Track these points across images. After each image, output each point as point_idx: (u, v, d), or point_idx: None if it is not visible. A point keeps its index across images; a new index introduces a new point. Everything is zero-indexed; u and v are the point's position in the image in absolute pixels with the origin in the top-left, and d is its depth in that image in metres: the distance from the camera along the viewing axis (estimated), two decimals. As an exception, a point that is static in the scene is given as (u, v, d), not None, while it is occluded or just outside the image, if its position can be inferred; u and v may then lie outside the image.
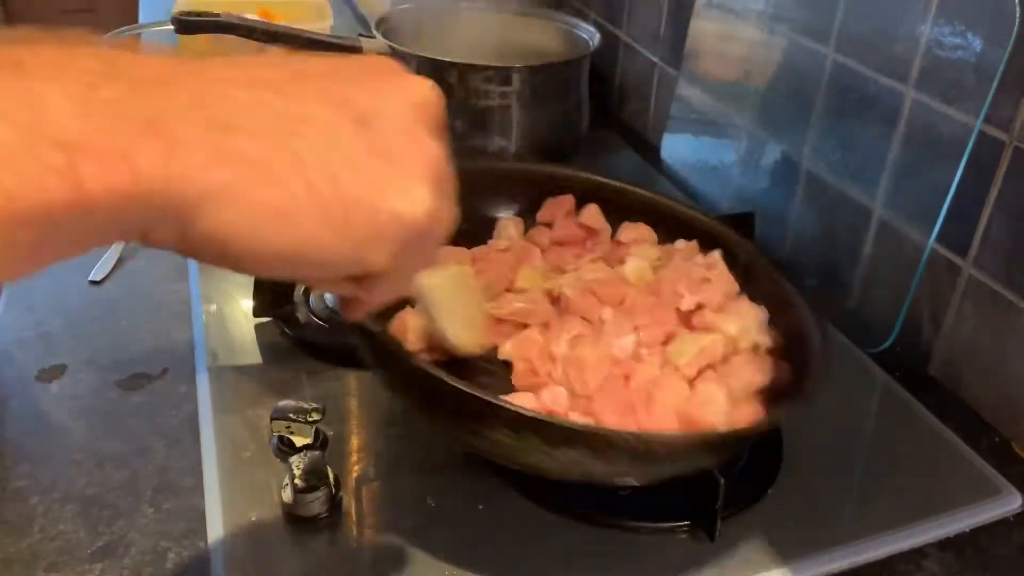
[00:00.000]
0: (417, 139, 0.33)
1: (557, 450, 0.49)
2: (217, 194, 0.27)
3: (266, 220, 0.28)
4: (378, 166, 0.31)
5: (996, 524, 0.60)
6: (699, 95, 1.03)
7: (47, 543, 0.54)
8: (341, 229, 0.30)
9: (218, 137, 0.27)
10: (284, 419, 0.56)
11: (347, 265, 0.32)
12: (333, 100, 0.31)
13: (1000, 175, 0.66)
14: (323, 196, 0.29)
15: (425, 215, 0.32)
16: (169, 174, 0.26)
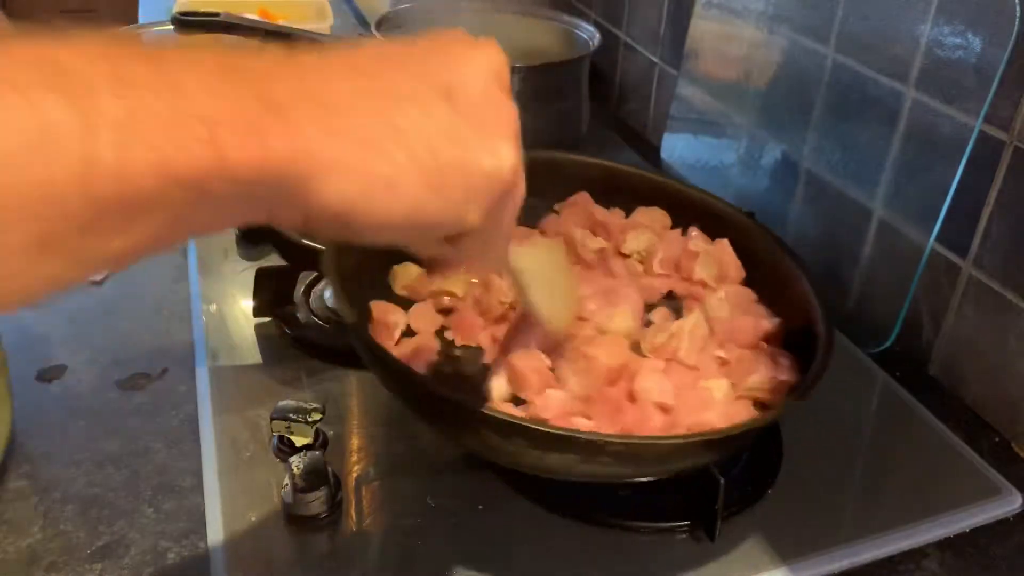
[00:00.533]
0: (496, 101, 0.36)
1: (548, 454, 0.49)
2: (333, 167, 0.30)
3: (377, 189, 0.32)
4: (467, 131, 0.34)
5: (996, 524, 0.60)
6: (699, 95, 1.03)
7: (47, 543, 0.54)
8: (441, 192, 0.33)
9: (327, 117, 0.30)
10: (284, 419, 0.56)
11: (447, 225, 0.35)
12: (419, 76, 0.34)
13: (1000, 175, 0.66)
14: (423, 163, 0.32)
15: (511, 170, 0.35)
16: (294, 147, 0.29)
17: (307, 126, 0.30)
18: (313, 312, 0.74)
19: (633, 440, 0.52)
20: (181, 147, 0.26)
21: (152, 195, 0.26)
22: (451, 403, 0.50)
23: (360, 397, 0.68)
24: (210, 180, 0.27)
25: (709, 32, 1.01)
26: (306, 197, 0.30)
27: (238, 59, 0.30)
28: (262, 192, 0.29)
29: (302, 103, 0.30)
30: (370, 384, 0.69)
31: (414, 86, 0.34)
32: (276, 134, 0.29)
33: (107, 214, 0.26)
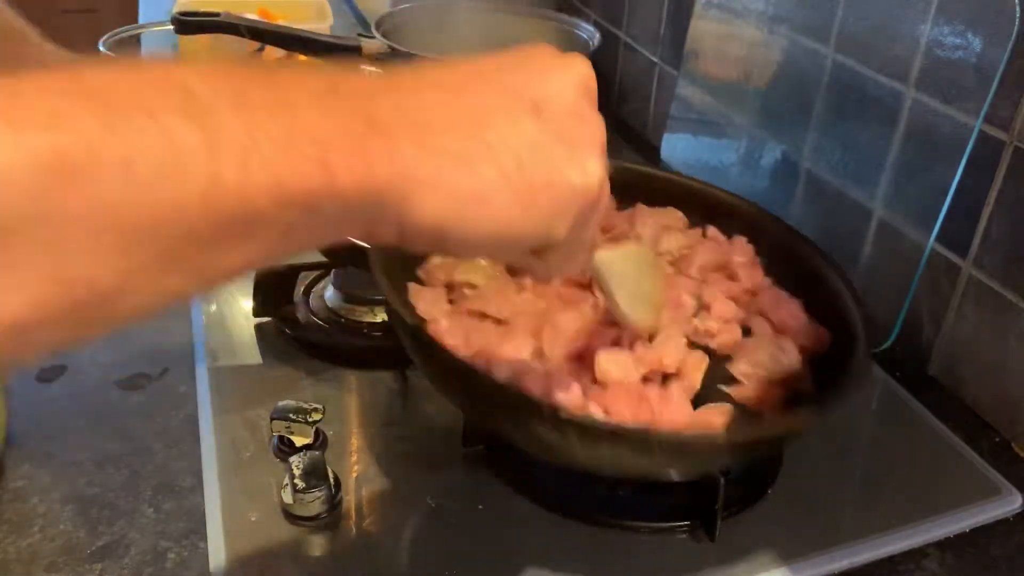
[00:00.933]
0: (583, 115, 0.37)
1: (598, 447, 0.49)
2: (429, 185, 0.31)
3: (469, 204, 0.33)
4: (555, 146, 0.35)
5: (996, 524, 0.60)
6: (699, 95, 1.03)
7: (47, 543, 0.54)
8: (529, 206, 0.34)
9: (423, 136, 0.32)
10: (284, 419, 0.56)
11: (535, 238, 0.36)
12: (509, 92, 0.35)
13: (1000, 175, 0.66)
14: (512, 179, 0.33)
15: (598, 184, 0.36)
16: (394, 168, 0.31)
17: (406, 146, 0.31)
18: (313, 312, 0.74)
19: (684, 436, 0.51)
20: (295, 168, 0.28)
21: (266, 213, 0.28)
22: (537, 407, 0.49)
23: (360, 397, 0.68)
24: (319, 199, 0.29)
25: (709, 32, 1.01)
26: (403, 214, 0.32)
27: (341, 80, 0.32)
28: (364, 209, 0.31)
29: (400, 122, 0.31)
30: (370, 384, 0.69)
31: (504, 102, 0.35)
32: (379, 156, 0.30)
33: (225, 232, 0.27)
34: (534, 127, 0.35)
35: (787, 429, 0.52)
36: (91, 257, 0.25)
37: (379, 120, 0.31)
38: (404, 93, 0.33)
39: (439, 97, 0.34)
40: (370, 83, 0.32)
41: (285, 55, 1.28)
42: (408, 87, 0.33)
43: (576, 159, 0.35)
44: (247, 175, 0.27)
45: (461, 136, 0.33)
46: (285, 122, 0.28)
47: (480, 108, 0.34)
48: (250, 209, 0.27)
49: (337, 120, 0.30)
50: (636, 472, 0.54)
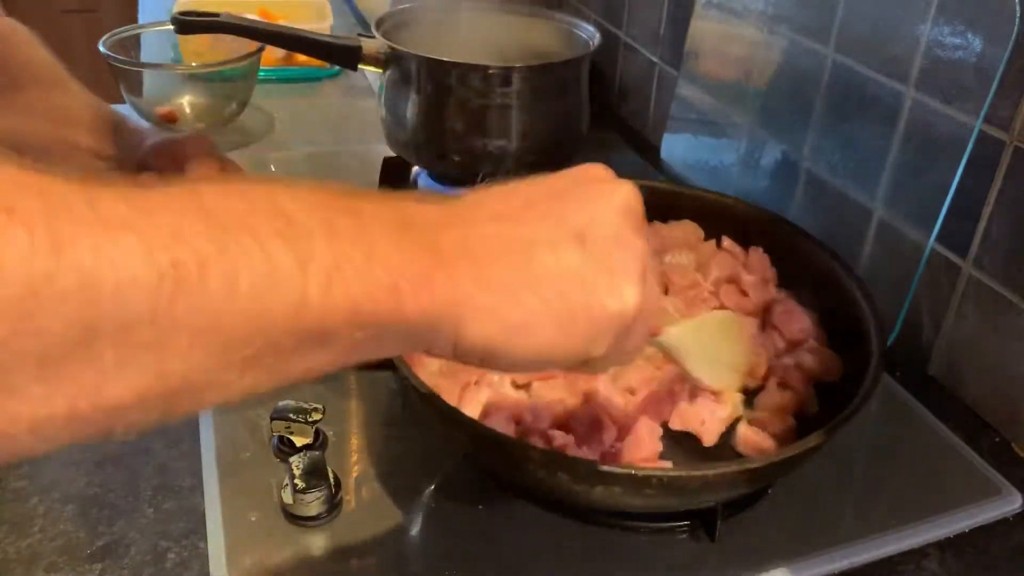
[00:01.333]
0: (625, 242, 0.39)
1: (593, 489, 0.49)
2: (481, 312, 0.36)
3: (515, 332, 0.37)
4: (595, 274, 0.38)
5: (996, 524, 0.60)
6: (699, 95, 1.03)
7: (47, 543, 0.54)
8: (569, 332, 0.38)
9: (478, 268, 0.36)
10: (284, 419, 0.56)
11: (575, 359, 0.39)
12: (556, 222, 0.39)
13: (1000, 175, 0.66)
14: (554, 308, 0.37)
15: (634, 309, 0.39)
16: (454, 298, 0.35)
17: (463, 278, 0.35)
18: (313, 312, 0.74)
19: (678, 473, 0.51)
20: (370, 293, 0.32)
21: (339, 331, 0.31)
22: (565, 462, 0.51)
23: (360, 397, 0.68)
24: (387, 322, 0.33)
25: (709, 32, 1.01)
26: (457, 337, 0.36)
27: (413, 211, 0.36)
28: (424, 331, 0.35)
29: (459, 255, 0.35)
30: (370, 384, 0.69)
31: (551, 233, 0.38)
32: (441, 286, 0.34)
33: (303, 343, 0.31)
34: (576, 257, 0.38)
35: (783, 463, 0.52)
36: (188, 357, 0.28)
37: (442, 252, 0.35)
38: (465, 225, 0.37)
39: (494, 230, 0.38)
40: (436, 214, 0.37)
41: (285, 55, 1.28)
42: (468, 219, 0.38)
43: (614, 286, 0.38)
44: (329, 296, 0.30)
45: (511, 268, 0.37)
46: (365, 250, 0.32)
47: (529, 241, 0.38)
48: (327, 325, 0.31)
49: (407, 251, 0.34)
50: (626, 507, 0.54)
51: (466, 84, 0.87)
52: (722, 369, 0.59)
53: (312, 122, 1.19)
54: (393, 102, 0.92)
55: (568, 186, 0.41)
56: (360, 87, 1.30)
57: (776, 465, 0.51)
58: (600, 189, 0.41)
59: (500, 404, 0.58)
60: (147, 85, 1.06)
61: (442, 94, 0.88)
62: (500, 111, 0.88)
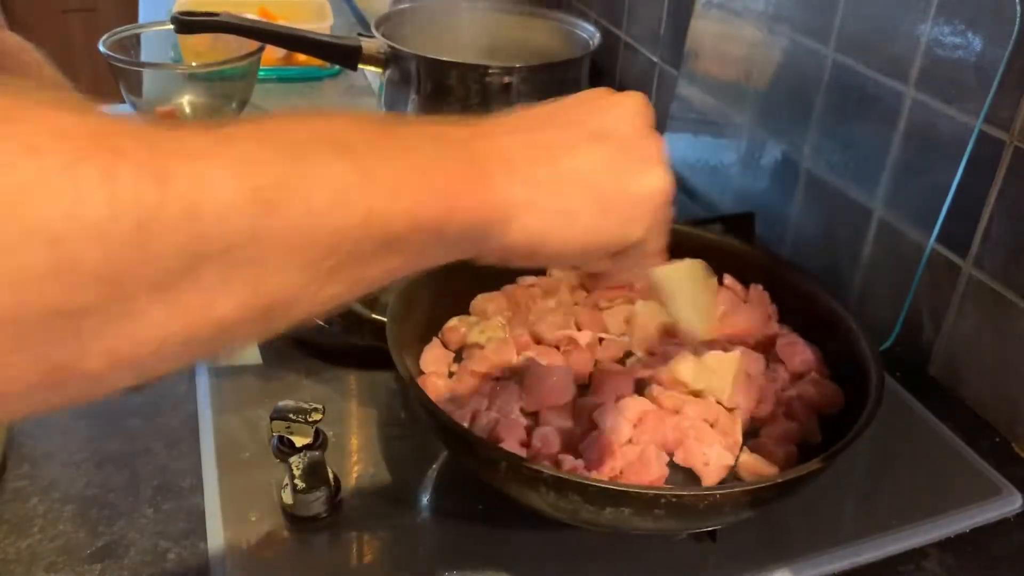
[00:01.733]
0: (644, 135, 0.43)
1: (603, 510, 0.49)
2: (525, 208, 0.38)
3: (559, 220, 0.39)
4: (624, 163, 0.41)
5: (996, 524, 0.60)
6: (699, 95, 1.03)
7: (47, 543, 0.54)
8: (609, 214, 0.40)
9: (513, 170, 0.38)
10: (284, 419, 0.56)
11: (617, 242, 0.41)
12: (573, 126, 0.42)
13: (1000, 175, 0.66)
14: (593, 194, 0.40)
15: (665, 187, 0.42)
16: (498, 195, 0.37)
17: (501, 178, 0.38)
18: (313, 312, 0.74)
19: (688, 492, 0.52)
20: (426, 201, 0.34)
21: (403, 235, 0.33)
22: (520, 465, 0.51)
23: (360, 397, 0.68)
24: (444, 223, 0.35)
25: (709, 32, 1.01)
26: (506, 233, 0.38)
27: (442, 128, 0.39)
28: (476, 230, 0.37)
29: (494, 160, 0.38)
30: (370, 384, 0.69)
31: (571, 134, 0.41)
32: (485, 186, 0.37)
33: (375, 250, 0.33)
34: (601, 150, 0.41)
35: (787, 484, 0.53)
36: (281, 272, 0.30)
37: (478, 160, 0.37)
38: (490, 138, 0.39)
39: (517, 139, 0.40)
40: (462, 131, 0.39)
41: (285, 55, 1.28)
42: (492, 132, 0.40)
43: (644, 170, 0.42)
44: (392, 206, 0.33)
45: (544, 167, 0.39)
46: (413, 162, 0.34)
47: (552, 143, 0.40)
48: (394, 231, 0.33)
49: (448, 162, 0.36)
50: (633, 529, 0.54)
51: (466, 84, 0.87)
52: (700, 313, 0.61)
53: (312, 122, 1.19)
54: (393, 102, 0.92)
55: (579, 102, 0.44)
56: (360, 87, 1.30)
57: (780, 487, 0.52)
58: (609, 100, 0.44)
59: (510, 429, 0.59)
60: (147, 85, 1.06)
61: (442, 94, 0.88)
62: (500, 111, 0.88)
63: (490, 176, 0.37)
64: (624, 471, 0.57)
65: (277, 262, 0.30)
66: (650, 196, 0.42)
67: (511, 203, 0.38)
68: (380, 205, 0.32)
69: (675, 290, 0.58)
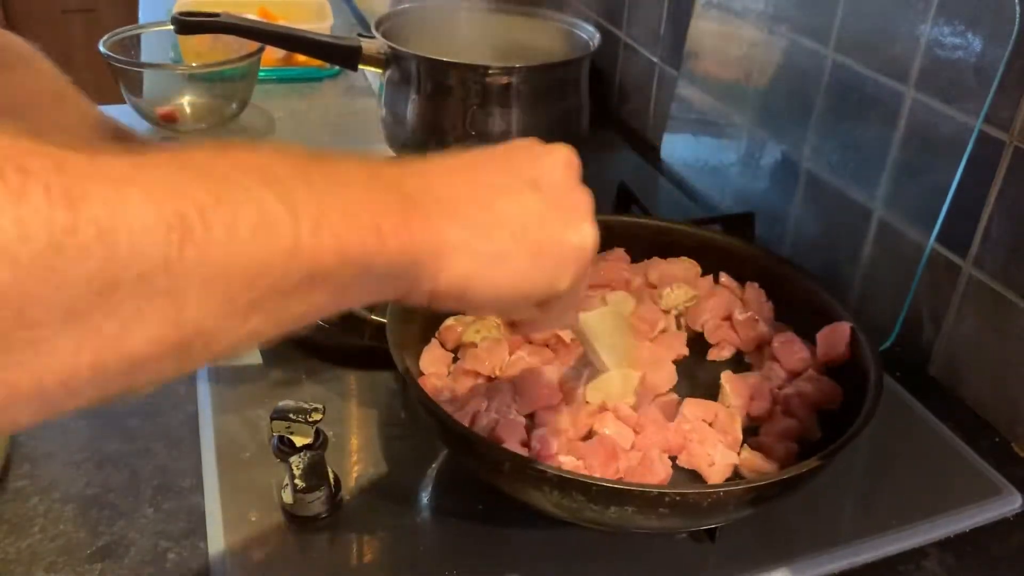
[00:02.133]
0: (573, 188, 0.44)
1: (607, 509, 0.50)
2: (457, 248, 0.38)
3: (491, 263, 0.39)
4: (554, 213, 0.42)
5: (996, 524, 0.60)
6: (699, 95, 1.03)
7: (47, 543, 0.54)
8: (540, 262, 0.41)
9: (447, 209, 0.38)
10: (284, 419, 0.56)
11: (543, 290, 0.42)
12: (509, 172, 0.42)
13: (1000, 175, 0.66)
14: (524, 242, 0.40)
15: (593, 243, 0.43)
16: (430, 234, 0.37)
17: (435, 217, 0.37)
18: (313, 312, 0.74)
19: (692, 491, 0.51)
20: (355, 235, 0.34)
21: (330, 270, 0.33)
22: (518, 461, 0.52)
23: (360, 397, 0.68)
24: (373, 259, 0.34)
25: (709, 32, 1.01)
26: (436, 273, 0.37)
27: (375, 165, 0.38)
28: (406, 269, 0.36)
29: (428, 199, 0.38)
30: (370, 384, 0.69)
31: (507, 180, 0.42)
32: (418, 224, 0.36)
33: (299, 284, 0.32)
34: (535, 199, 0.41)
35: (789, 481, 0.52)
36: (199, 303, 0.29)
37: (412, 197, 0.37)
38: (426, 177, 0.39)
39: (453, 179, 0.40)
40: (396, 169, 0.39)
41: (285, 55, 1.28)
42: (427, 171, 0.40)
43: (572, 223, 0.42)
44: (319, 238, 0.32)
45: (478, 209, 0.39)
46: (344, 196, 0.34)
47: (489, 186, 0.41)
48: (319, 267, 0.32)
49: (382, 197, 0.36)
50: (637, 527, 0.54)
51: (466, 84, 0.87)
52: (619, 355, 0.64)
53: (312, 122, 1.19)
54: (393, 102, 0.92)
55: (512, 149, 0.44)
56: (360, 87, 1.30)
57: (782, 483, 0.52)
58: (541, 150, 0.45)
59: (510, 429, 0.59)
60: (147, 85, 1.06)
61: (442, 94, 0.88)
62: (500, 111, 0.88)
63: (423, 214, 0.37)
64: (627, 474, 0.57)
65: (195, 293, 0.28)
66: (580, 248, 0.42)
67: (443, 243, 0.37)
68: (306, 237, 0.31)
69: (594, 335, 0.61)
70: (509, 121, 0.88)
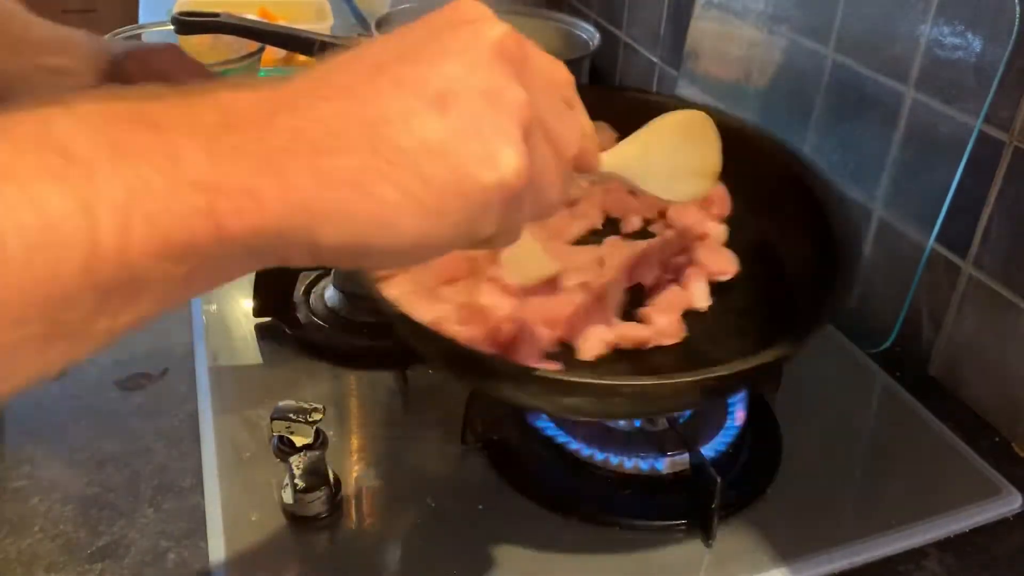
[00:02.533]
0: (499, 95, 0.33)
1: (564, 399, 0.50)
2: (328, 216, 0.30)
3: (373, 228, 0.31)
4: (461, 143, 0.32)
5: (996, 524, 0.60)
6: (699, 95, 1.03)
7: (47, 543, 0.54)
8: (441, 216, 0.32)
9: (319, 159, 0.30)
10: (284, 419, 0.56)
11: (460, 243, 0.34)
12: (410, 88, 0.32)
13: (1000, 175, 0.66)
14: (415, 194, 0.31)
15: (515, 174, 0.33)
16: (289, 205, 0.29)
17: (301, 179, 0.29)
18: (313, 312, 0.74)
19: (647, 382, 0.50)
20: (180, 223, 0.27)
21: (153, 271, 0.27)
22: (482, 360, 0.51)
23: (360, 397, 0.68)
24: (209, 249, 0.28)
25: (709, 32, 1.01)
26: (309, 244, 0.31)
27: (237, 105, 0.30)
28: (264, 247, 0.30)
29: (293, 149, 0.30)
30: (370, 384, 0.69)
31: (404, 103, 0.32)
32: (272, 192, 0.29)
33: (110, 297, 0.26)
34: (437, 126, 0.32)
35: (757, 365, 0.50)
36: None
37: (270, 150, 0.29)
38: (302, 108, 0.31)
39: (337, 108, 0.31)
40: (268, 102, 0.31)
41: (285, 55, 1.28)
42: (306, 97, 0.31)
43: (487, 153, 0.32)
44: (127, 238, 0.25)
45: (358, 154, 0.31)
46: (170, 171, 0.27)
47: (378, 116, 0.31)
48: (135, 270, 0.26)
49: (223, 160, 0.28)
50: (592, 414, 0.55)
51: (466, 84, 0.86)
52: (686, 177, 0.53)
53: (312, 122, 1.19)
54: (393, 102, 0.92)
55: (427, 37, 0.34)
56: (360, 87, 1.29)
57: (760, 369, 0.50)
58: (467, 33, 0.34)
59: None
60: (147, 85, 1.06)
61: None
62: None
63: (283, 175, 0.29)
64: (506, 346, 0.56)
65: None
66: (497, 187, 0.32)
67: (310, 211, 0.30)
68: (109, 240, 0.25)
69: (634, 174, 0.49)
70: (509, 121, 0.88)
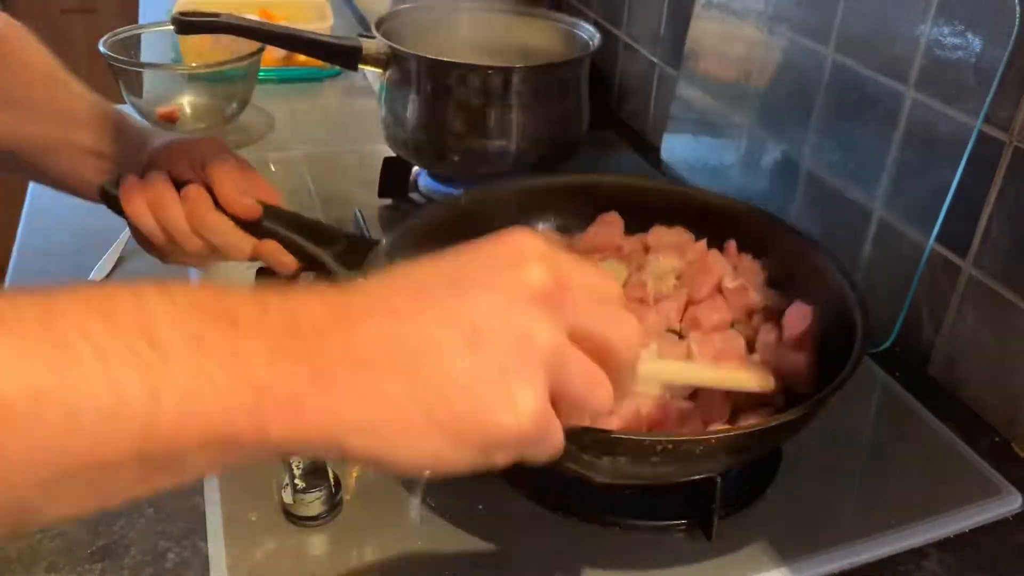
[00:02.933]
0: (523, 337, 0.35)
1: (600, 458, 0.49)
2: (359, 428, 0.33)
3: (399, 444, 0.34)
4: (485, 383, 0.34)
5: (996, 524, 0.60)
6: (699, 95, 1.03)
7: (47, 543, 0.54)
8: (459, 443, 0.35)
9: (360, 375, 0.33)
10: (284, 419, 0.56)
11: (473, 467, 0.36)
12: (450, 319, 0.35)
13: (1000, 175, 0.66)
14: (439, 420, 0.34)
15: (531, 422, 0.35)
16: (326, 417, 0.33)
17: (341, 392, 0.33)
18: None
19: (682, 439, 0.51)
20: (229, 418, 0.30)
21: (189, 455, 0.30)
22: None
23: (360, 397, 0.68)
24: (246, 445, 0.31)
25: (709, 32, 1.01)
26: (336, 450, 0.34)
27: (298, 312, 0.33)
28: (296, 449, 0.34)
29: (340, 364, 0.33)
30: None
31: (443, 332, 0.35)
32: (313, 406, 0.32)
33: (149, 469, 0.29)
34: (467, 362, 0.34)
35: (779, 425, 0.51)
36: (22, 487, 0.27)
37: (321, 362, 0.33)
38: (353, 325, 0.34)
39: (384, 326, 0.35)
40: (324, 314, 0.34)
41: (285, 55, 1.28)
42: (357, 316, 0.35)
43: (507, 397, 0.34)
44: (181, 423, 0.28)
45: (395, 376, 0.34)
46: (232, 368, 0.30)
47: (420, 344, 0.34)
48: (176, 449, 0.29)
49: (281, 365, 0.31)
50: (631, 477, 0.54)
51: (466, 84, 0.87)
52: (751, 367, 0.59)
53: (312, 122, 1.19)
54: (393, 102, 0.92)
55: (476, 271, 0.37)
56: (360, 87, 1.30)
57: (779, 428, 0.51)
58: (510, 274, 0.36)
59: None
60: (147, 85, 1.06)
61: (442, 94, 0.88)
62: (500, 111, 0.88)
63: (327, 387, 0.33)
64: None
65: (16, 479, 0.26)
66: (513, 429, 0.35)
67: (343, 424, 0.33)
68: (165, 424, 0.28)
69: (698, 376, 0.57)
70: (509, 121, 0.88)
